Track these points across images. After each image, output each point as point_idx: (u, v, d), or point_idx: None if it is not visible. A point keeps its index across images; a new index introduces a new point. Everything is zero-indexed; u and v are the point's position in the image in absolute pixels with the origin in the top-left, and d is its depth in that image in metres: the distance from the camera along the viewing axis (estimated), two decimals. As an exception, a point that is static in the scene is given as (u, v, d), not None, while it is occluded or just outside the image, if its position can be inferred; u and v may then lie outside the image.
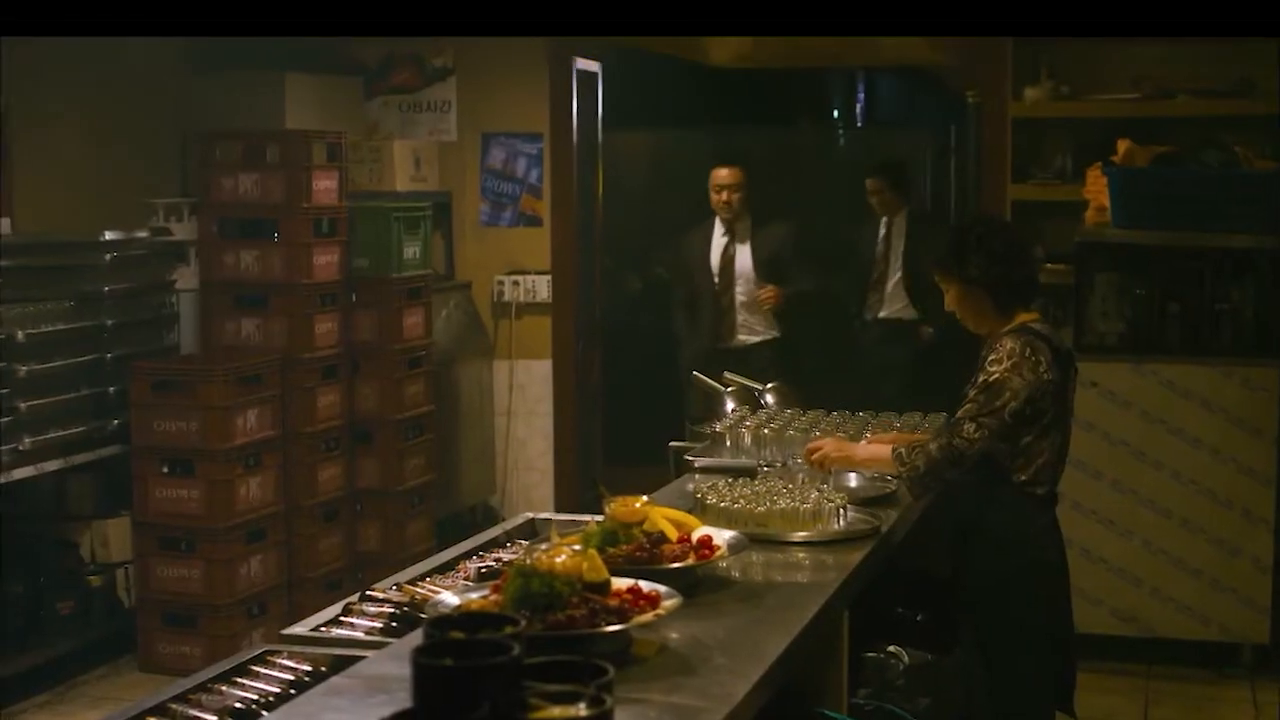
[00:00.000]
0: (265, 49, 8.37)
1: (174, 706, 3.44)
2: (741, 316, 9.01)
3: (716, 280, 9.01)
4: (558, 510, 8.16)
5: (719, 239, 9.02)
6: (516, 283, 9.13)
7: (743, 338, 9.02)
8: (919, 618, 5.02)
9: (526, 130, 9.04)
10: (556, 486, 9.10)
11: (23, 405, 6.93)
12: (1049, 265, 7.69)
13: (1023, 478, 4.66)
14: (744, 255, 8.98)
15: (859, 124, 10.80)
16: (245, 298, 7.89)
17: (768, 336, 9.04)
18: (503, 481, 9.26)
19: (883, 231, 9.25)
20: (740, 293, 8.99)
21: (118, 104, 8.10)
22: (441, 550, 4.81)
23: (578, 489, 9.06)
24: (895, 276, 9.22)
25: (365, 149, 8.88)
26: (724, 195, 8.91)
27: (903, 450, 4.67)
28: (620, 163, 9.48)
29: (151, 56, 8.37)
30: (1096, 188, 7.60)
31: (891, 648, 4.70)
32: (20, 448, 6.91)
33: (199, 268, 7.99)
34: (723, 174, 8.92)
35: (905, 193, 9.29)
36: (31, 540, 7.36)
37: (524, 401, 9.18)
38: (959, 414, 4.62)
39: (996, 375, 4.57)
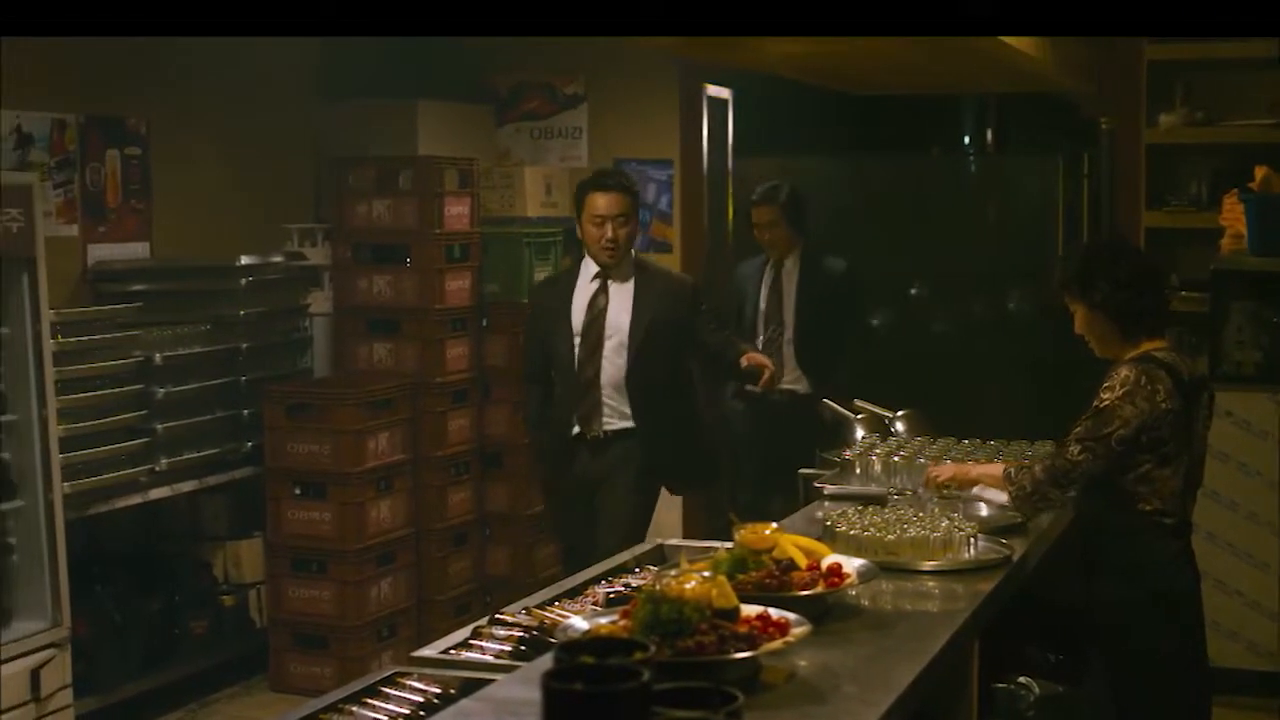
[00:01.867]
0: (398, 78, 8.46)
1: (306, 727, 3.48)
2: (608, 394, 6.51)
3: (578, 342, 6.55)
4: (686, 536, 8.15)
5: (587, 285, 6.61)
6: (646, 308, 9.11)
7: (609, 422, 6.53)
8: (1050, 649, 4.97)
9: (657, 157, 9.05)
10: (685, 512, 9.08)
11: (160, 427, 7.04)
12: (1184, 293, 7.60)
13: (1148, 507, 4.61)
14: (619, 308, 6.56)
15: (991, 151, 10.73)
16: (378, 322, 7.97)
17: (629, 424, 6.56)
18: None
19: (769, 276, 7.90)
20: (608, 362, 6.52)
21: (254, 133, 8.21)
22: (569, 575, 4.82)
23: (707, 515, 9.04)
24: (789, 334, 7.82)
25: (497, 175, 8.93)
26: (608, 230, 6.45)
27: (1012, 470, 4.73)
28: (750, 190, 9.46)
29: (287, 86, 8.49)
30: (1233, 215, 7.50)
31: (1022, 679, 4.67)
32: (157, 469, 7.02)
33: (332, 292, 8.09)
34: (601, 202, 6.47)
35: (803, 227, 7.90)
36: (167, 560, 7.47)
37: (652, 427, 9.17)
38: (1068, 436, 4.61)
39: (1107, 402, 4.55)
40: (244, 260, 7.55)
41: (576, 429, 6.53)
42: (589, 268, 6.61)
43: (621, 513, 6.47)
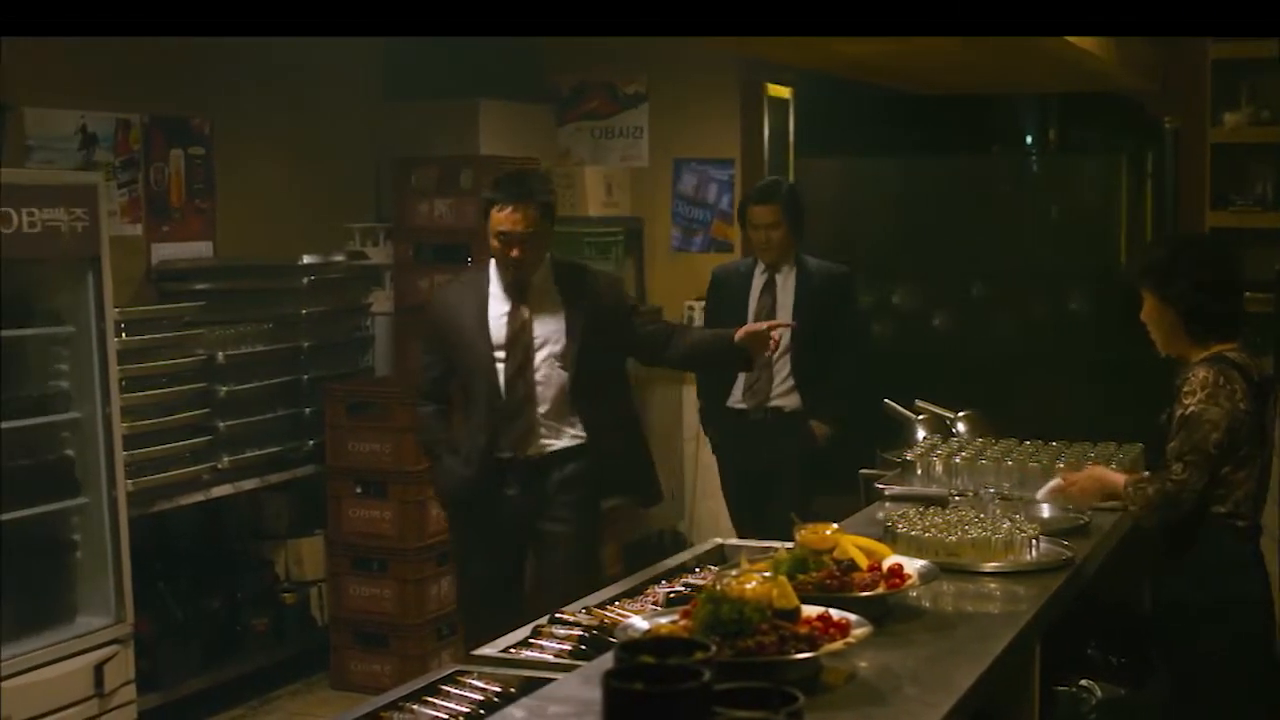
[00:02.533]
0: (459, 77, 8.48)
1: (366, 725, 3.49)
2: (545, 412, 5.66)
3: (502, 359, 5.65)
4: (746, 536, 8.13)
5: (502, 295, 5.71)
6: (707, 308, 9.11)
7: (546, 442, 5.70)
8: (1112, 651, 4.94)
9: (718, 156, 9.05)
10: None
11: (222, 425, 7.08)
12: (1248, 294, 7.53)
13: (1222, 510, 4.57)
14: (545, 316, 5.69)
15: (1054, 150, 10.69)
16: (439, 322, 7.98)
17: (576, 440, 5.73)
18: (691, 507, 9.25)
19: (760, 282, 7.17)
20: (541, 377, 5.66)
21: (316, 133, 8.25)
22: (630, 575, 4.82)
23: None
24: (783, 345, 6.82)
25: (558, 175, 8.94)
26: (512, 249, 5.56)
27: (1130, 489, 4.63)
28: (812, 189, 9.44)
29: (349, 87, 8.52)
30: (1298, 214, 7.45)
31: (1084, 681, 4.64)
32: (219, 466, 7.06)
33: (394, 291, 8.12)
34: (504, 217, 5.56)
35: (800, 229, 7.16)
36: (229, 557, 7.51)
37: (713, 427, 9.16)
38: (1166, 455, 4.54)
39: (1193, 408, 4.49)
40: (306, 259, 7.58)
41: (508, 453, 5.67)
42: (495, 278, 5.74)
43: (568, 539, 5.80)
